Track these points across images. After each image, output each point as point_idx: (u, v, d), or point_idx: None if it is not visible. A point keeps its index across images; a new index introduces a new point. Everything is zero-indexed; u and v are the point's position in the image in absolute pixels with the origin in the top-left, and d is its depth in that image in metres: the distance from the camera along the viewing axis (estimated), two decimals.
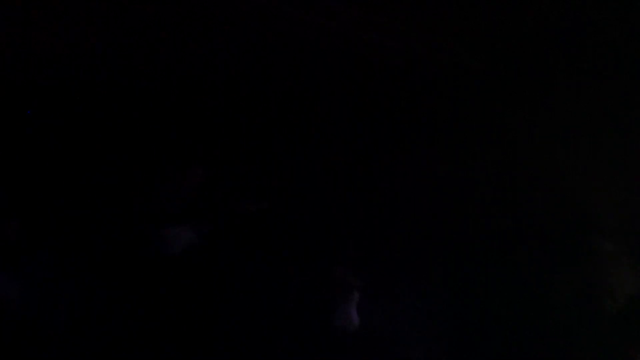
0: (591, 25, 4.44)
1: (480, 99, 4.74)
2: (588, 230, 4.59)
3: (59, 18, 4.48)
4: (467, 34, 4.73)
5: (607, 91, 4.42)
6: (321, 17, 4.57)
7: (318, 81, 4.65)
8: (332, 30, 4.61)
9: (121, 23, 4.51)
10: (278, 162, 4.56)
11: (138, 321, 3.93)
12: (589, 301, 4.42)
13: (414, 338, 3.99)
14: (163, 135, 4.71)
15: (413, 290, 4.11)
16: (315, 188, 4.38)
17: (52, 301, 3.88)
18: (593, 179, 4.52)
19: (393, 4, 4.56)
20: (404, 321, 3.99)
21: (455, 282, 4.31)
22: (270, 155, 4.59)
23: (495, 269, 4.33)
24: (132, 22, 4.51)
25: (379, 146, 4.64)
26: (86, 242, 4.17)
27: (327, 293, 3.86)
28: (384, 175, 4.52)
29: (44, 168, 4.48)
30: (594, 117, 4.48)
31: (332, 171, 4.48)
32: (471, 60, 4.85)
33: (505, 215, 4.45)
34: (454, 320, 4.20)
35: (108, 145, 4.54)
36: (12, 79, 4.59)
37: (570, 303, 4.29)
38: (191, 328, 3.69)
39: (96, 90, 4.56)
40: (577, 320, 4.26)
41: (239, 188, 4.64)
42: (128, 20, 4.51)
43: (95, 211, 4.40)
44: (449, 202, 4.39)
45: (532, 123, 4.52)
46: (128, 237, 4.21)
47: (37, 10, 4.44)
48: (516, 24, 4.55)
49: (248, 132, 4.66)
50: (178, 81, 4.55)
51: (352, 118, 4.60)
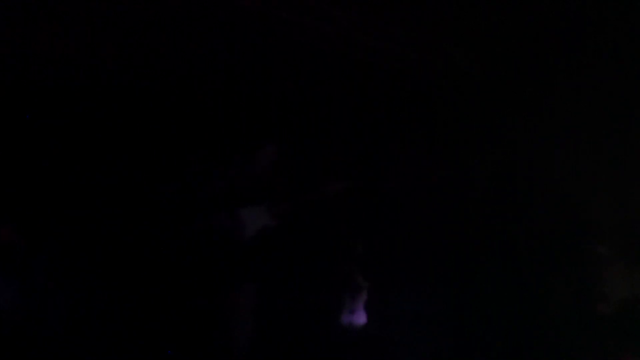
0: (585, 28, 4.45)
1: (476, 102, 4.76)
2: (584, 234, 4.65)
3: (59, 18, 4.48)
4: (463, 38, 4.74)
5: (604, 96, 4.45)
6: (317, 21, 4.47)
7: (313, 84, 4.66)
8: (328, 33, 4.54)
9: (121, 24, 4.49)
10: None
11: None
12: (585, 305, 4.49)
13: (417, 337, 4.06)
14: (230, 112, 4.67)
15: (417, 290, 4.17)
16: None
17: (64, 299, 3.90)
18: (589, 184, 4.56)
19: (389, 8, 4.54)
20: (408, 320, 4.06)
21: (455, 284, 4.37)
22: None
23: (493, 272, 4.37)
24: (131, 24, 4.52)
25: (377, 150, 4.63)
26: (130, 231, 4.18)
27: (335, 291, 3.83)
28: (382, 177, 4.53)
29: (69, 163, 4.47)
30: (591, 122, 4.52)
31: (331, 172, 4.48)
32: (467, 63, 4.87)
33: (502, 219, 4.46)
34: (454, 321, 4.27)
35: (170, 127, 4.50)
36: (12, 81, 4.67)
37: (566, 306, 4.35)
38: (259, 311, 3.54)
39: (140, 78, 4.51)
40: (573, 323, 4.32)
41: (316, 167, 4.45)
42: (127, 21, 4.51)
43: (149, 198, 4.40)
44: (448, 206, 4.41)
45: (529, 127, 4.53)
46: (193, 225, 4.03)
47: (37, 10, 4.49)
48: (511, 28, 4.55)
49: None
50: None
51: (348, 121, 4.60)
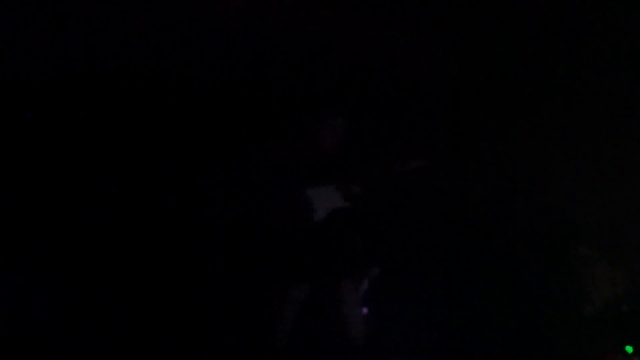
0: (567, 34, 4.51)
1: (461, 103, 4.82)
2: (569, 236, 4.76)
3: (59, 19, 4.45)
4: (449, 40, 4.78)
5: (589, 101, 4.53)
6: (305, 23, 4.48)
7: (304, 86, 4.67)
8: (316, 35, 4.54)
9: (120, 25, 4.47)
10: None
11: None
12: (569, 303, 4.65)
13: (412, 327, 4.12)
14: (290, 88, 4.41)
15: (413, 286, 4.25)
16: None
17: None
18: (574, 188, 4.68)
19: (377, 10, 4.55)
20: (405, 313, 4.11)
21: (447, 282, 4.53)
22: None
23: (482, 271, 4.51)
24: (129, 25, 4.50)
25: (367, 150, 4.66)
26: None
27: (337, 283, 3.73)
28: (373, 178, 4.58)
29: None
30: (575, 128, 4.59)
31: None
32: (452, 65, 4.92)
33: (492, 222, 4.58)
34: (446, 317, 4.38)
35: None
36: (12, 80, 4.63)
37: (551, 305, 4.49)
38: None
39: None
40: (558, 321, 4.46)
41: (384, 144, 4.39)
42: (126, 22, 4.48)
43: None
44: (439, 208, 4.49)
45: (514, 131, 4.60)
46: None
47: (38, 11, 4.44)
48: (496, 32, 4.60)
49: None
50: None
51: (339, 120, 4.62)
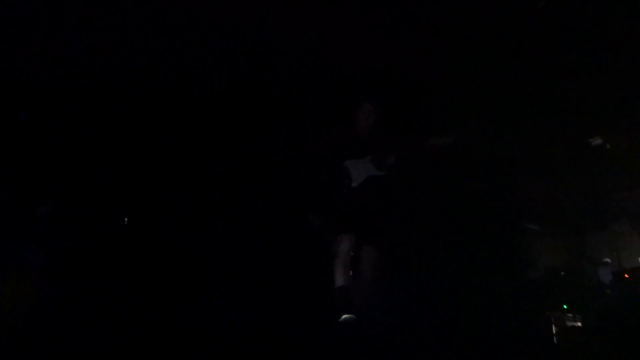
0: (527, 42, 4.84)
1: (437, 102, 5.20)
2: (517, 214, 5.30)
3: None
4: (446, 46, 5.12)
5: (542, 98, 5.02)
6: (293, 26, 4.86)
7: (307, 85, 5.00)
8: (327, 40, 4.94)
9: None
10: None
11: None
12: (518, 270, 5.17)
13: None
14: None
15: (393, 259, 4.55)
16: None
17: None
18: (525, 174, 5.24)
19: (380, 17, 4.88)
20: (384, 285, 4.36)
21: (418, 258, 4.99)
22: None
23: (447, 246, 5.04)
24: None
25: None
26: None
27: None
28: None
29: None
30: (527, 121, 5.09)
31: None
32: (444, 69, 5.31)
33: (452, 201, 5.08)
34: (413, 280, 4.76)
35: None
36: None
37: (503, 272, 4.96)
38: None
39: None
40: (508, 286, 4.89)
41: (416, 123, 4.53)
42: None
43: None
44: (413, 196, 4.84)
45: (476, 122, 4.83)
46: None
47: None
48: (480, 39, 4.93)
49: None
50: None
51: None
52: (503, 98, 5.06)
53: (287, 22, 4.89)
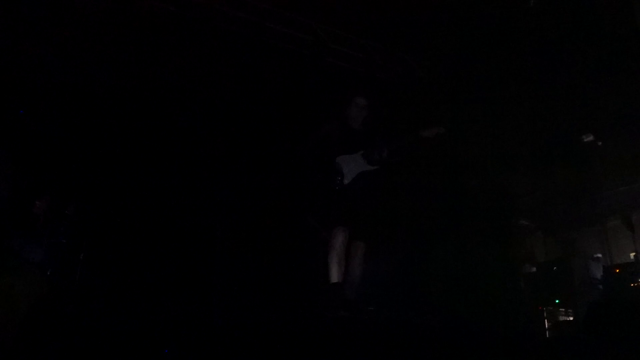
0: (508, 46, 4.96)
1: (423, 102, 5.37)
2: (510, 210, 5.38)
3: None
4: (418, 46, 5.36)
5: (531, 99, 5.10)
6: (291, 29, 5.03)
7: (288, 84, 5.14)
8: (302, 40, 5.10)
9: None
10: None
11: None
12: (510, 265, 5.22)
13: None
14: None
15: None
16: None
17: None
18: (515, 171, 5.29)
19: (356, 21, 5.07)
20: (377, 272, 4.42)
21: (410, 251, 5.09)
22: None
23: (439, 239, 5.15)
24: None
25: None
26: None
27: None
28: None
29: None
30: (516, 119, 5.19)
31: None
32: (420, 68, 5.57)
33: (448, 197, 5.16)
34: (408, 276, 4.94)
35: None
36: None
37: (496, 266, 5.04)
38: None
39: None
40: (501, 280, 5.03)
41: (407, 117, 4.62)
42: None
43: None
44: (402, 191, 4.97)
45: (467, 122, 5.08)
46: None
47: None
48: (456, 42, 5.12)
49: None
50: None
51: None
52: (495, 95, 5.12)
53: (282, 22, 5.00)
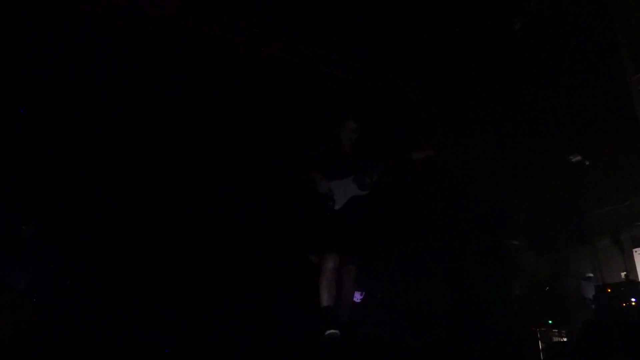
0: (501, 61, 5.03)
1: (415, 122, 5.41)
2: (501, 230, 5.37)
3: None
4: (407, 70, 5.38)
5: (521, 117, 5.17)
6: (281, 52, 5.09)
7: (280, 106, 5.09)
8: (293, 63, 5.15)
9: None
10: None
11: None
12: (501, 285, 5.20)
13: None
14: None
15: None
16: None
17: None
18: (506, 190, 5.32)
19: (346, 44, 5.13)
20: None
21: (403, 272, 5.07)
22: None
23: (430, 260, 5.12)
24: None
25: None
26: None
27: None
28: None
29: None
30: (507, 140, 5.25)
31: None
32: (409, 90, 5.57)
33: (439, 218, 5.14)
34: (401, 297, 4.94)
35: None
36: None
37: (487, 287, 5.03)
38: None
39: None
40: (492, 300, 5.01)
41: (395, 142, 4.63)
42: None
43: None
44: (396, 211, 4.92)
45: (457, 141, 5.10)
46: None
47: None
48: (442, 61, 5.12)
49: None
50: None
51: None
52: (485, 116, 5.18)
53: (273, 45, 5.04)
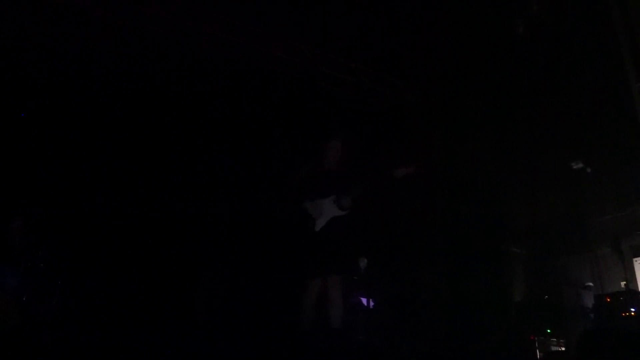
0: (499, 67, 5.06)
1: (413, 126, 5.45)
2: (501, 237, 5.35)
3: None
4: (407, 72, 5.41)
5: (521, 123, 5.16)
6: (281, 52, 5.12)
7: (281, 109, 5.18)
8: (294, 66, 5.20)
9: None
10: None
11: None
12: (501, 293, 5.17)
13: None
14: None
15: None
16: None
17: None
18: (507, 199, 5.29)
19: (346, 45, 5.18)
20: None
21: (400, 279, 5.08)
22: None
23: (430, 266, 5.13)
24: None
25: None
26: None
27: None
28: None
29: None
30: (508, 146, 5.21)
31: None
32: (408, 91, 5.60)
33: (439, 225, 5.17)
34: (399, 304, 4.93)
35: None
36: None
37: (486, 295, 5.01)
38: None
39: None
40: (492, 308, 4.96)
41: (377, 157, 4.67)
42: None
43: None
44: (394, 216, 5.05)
45: (456, 147, 5.19)
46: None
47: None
48: (441, 65, 5.20)
49: None
50: None
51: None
52: (486, 121, 5.15)
53: (271, 45, 5.01)
